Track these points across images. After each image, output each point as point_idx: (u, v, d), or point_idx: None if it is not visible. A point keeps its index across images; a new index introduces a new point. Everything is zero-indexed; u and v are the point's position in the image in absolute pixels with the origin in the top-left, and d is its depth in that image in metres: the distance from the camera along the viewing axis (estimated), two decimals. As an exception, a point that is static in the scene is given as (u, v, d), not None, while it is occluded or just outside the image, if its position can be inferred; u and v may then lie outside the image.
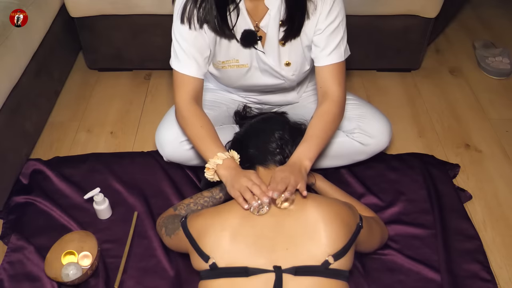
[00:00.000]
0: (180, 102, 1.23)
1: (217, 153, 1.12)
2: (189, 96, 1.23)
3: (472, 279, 1.26)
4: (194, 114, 1.22)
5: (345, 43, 1.26)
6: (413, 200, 1.47)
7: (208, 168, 1.13)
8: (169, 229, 1.19)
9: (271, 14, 1.20)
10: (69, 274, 1.24)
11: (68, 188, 1.50)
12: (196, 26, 1.18)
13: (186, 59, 1.22)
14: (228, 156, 1.12)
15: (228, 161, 1.11)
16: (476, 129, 1.78)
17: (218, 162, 1.11)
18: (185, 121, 1.22)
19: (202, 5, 1.16)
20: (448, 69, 2.09)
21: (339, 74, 1.25)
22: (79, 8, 1.80)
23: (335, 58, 1.24)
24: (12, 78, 1.47)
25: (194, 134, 1.20)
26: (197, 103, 1.24)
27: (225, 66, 1.31)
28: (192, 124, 1.21)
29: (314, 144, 1.15)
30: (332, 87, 1.24)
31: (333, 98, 1.23)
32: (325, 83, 1.25)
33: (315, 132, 1.18)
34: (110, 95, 1.94)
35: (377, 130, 1.41)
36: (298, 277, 0.95)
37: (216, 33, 1.21)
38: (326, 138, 1.19)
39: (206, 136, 1.18)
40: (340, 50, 1.24)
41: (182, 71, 1.22)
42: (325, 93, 1.24)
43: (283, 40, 1.25)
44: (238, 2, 1.17)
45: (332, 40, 1.22)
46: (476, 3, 2.53)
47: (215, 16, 1.16)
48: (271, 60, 1.28)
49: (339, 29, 1.22)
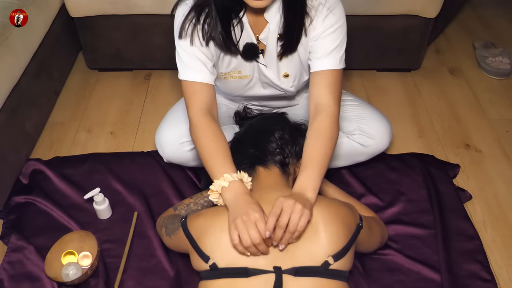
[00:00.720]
0: (192, 115, 1.15)
1: (224, 174, 1.04)
2: (202, 107, 1.15)
3: (472, 279, 1.26)
4: (207, 127, 1.13)
5: (342, 52, 1.18)
6: (413, 200, 1.47)
7: (212, 190, 1.05)
8: (169, 229, 1.19)
9: (271, 27, 1.18)
10: (69, 274, 1.24)
11: (68, 188, 1.50)
12: (202, 42, 1.15)
13: (194, 67, 1.16)
14: (236, 178, 1.04)
15: (235, 184, 1.03)
16: (476, 129, 1.78)
17: (223, 184, 1.03)
18: (196, 135, 1.13)
19: (206, 21, 1.14)
20: (448, 69, 2.09)
21: (334, 83, 1.16)
22: (79, 8, 1.80)
23: (330, 64, 1.16)
24: (12, 78, 1.47)
25: (203, 148, 1.11)
26: (211, 115, 1.15)
27: (227, 77, 1.30)
28: (203, 137, 1.12)
29: (315, 171, 1.06)
30: (325, 97, 1.14)
31: (327, 111, 1.13)
32: (317, 91, 1.16)
33: (314, 156, 1.08)
34: (110, 95, 1.94)
35: (377, 131, 1.41)
36: (298, 277, 0.95)
37: (221, 49, 1.19)
38: (327, 160, 1.09)
39: (216, 153, 1.09)
40: (335, 57, 1.16)
41: (193, 79, 1.16)
42: (318, 105, 1.14)
43: (280, 55, 1.23)
44: (241, 16, 1.16)
45: (327, 45, 1.16)
46: (476, 3, 2.53)
47: (220, 32, 1.14)
48: (271, 73, 1.27)
49: (336, 36, 1.16)
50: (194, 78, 1.16)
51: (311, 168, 1.06)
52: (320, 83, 1.16)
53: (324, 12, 1.15)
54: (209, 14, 1.13)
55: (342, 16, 1.18)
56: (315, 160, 1.07)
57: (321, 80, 1.16)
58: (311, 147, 1.10)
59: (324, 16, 1.15)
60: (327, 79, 1.16)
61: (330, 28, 1.16)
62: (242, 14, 1.16)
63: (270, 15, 1.17)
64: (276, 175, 1.14)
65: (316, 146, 1.10)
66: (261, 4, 1.06)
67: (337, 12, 1.17)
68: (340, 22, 1.17)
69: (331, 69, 1.16)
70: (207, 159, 1.10)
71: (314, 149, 1.09)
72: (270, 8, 1.16)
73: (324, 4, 1.15)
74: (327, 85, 1.15)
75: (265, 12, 1.16)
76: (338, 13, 1.17)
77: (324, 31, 1.16)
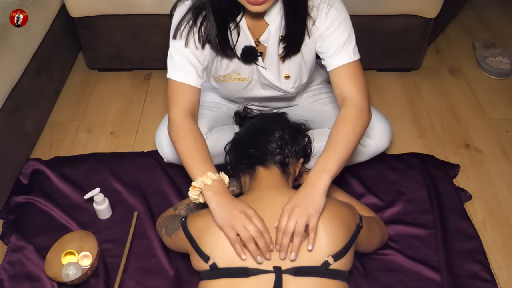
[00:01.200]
0: (174, 115, 1.15)
1: (207, 172, 1.04)
2: (185, 108, 1.15)
3: (472, 279, 1.26)
4: (189, 128, 1.13)
5: (353, 43, 1.17)
6: (413, 200, 1.47)
7: (194, 186, 1.04)
8: (169, 229, 1.19)
9: (271, 30, 1.18)
10: (69, 274, 1.24)
11: (68, 188, 1.50)
12: (197, 45, 1.15)
13: (183, 68, 1.17)
14: (218, 177, 1.05)
15: (217, 183, 1.03)
16: (476, 129, 1.78)
17: (206, 181, 1.03)
18: (177, 134, 1.13)
19: (203, 23, 1.14)
20: (448, 69, 2.09)
21: (353, 75, 1.15)
22: (79, 8, 1.80)
23: (344, 58, 1.15)
24: (12, 78, 1.47)
25: (184, 148, 1.11)
26: (193, 117, 1.16)
27: (226, 79, 1.30)
28: (184, 138, 1.12)
29: (333, 155, 1.04)
30: (347, 89, 1.14)
31: (351, 101, 1.12)
32: (340, 88, 1.16)
33: (333, 142, 1.07)
34: (110, 95, 1.94)
35: (378, 131, 1.41)
36: (298, 277, 0.95)
37: (217, 53, 1.19)
38: (347, 147, 1.06)
39: (197, 153, 1.09)
40: (348, 50, 1.16)
41: (180, 80, 1.16)
42: (343, 99, 1.14)
43: (283, 56, 1.23)
44: (238, 21, 1.15)
45: (336, 41, 1.16)
46: (476, 3, 2.53)
47: (216, 35, 1.14)
48: (270, 75, 1.27)
49: (342, 29, 1.16)
50: (182, 79, 1.17)
51: (330, 152, 1.05)
52: (340, 78, 1.16)
53: (325, 9, 1.15)
54: (206, 17, 1.13)
55: (343, 9, 1.18)
56: (334, 143, 1.06)
57: (341, 76, 1.16)
58: (333, 132, 1.09)
59: (325, 13, 1.15)
60: (346, 73, 1.16)
61: (334, 24, 1.16)
62: (240, 18, 1.15)
63: (270, 17, 1.16)
64: (276, 175, 1.14)
65: (336, 132, 1.09)
66: (260, 8, 1.05)
67: (337, 6, 1.16)
68: (342, 15, 1.17)
69: (347, 63, 1.16)
70: (187, 158, 1.10)
71: (334, 135, 1.09)
72: (271, 10, 1.15)
73: (324, 1, 1.15)
74: (347, 78, 1.15)
75: (265, 15, 1.16)
76: (339, 7, 1.17)
77: (329, 28, 1.16)
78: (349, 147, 1.07)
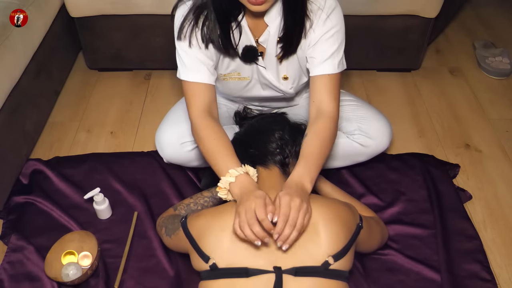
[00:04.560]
0: (193, 117, 1.17)
1: (229, 169, 1.05)
2: (203, 109, 1.16)
3: (472, 279, 1.26)
4: (207, 127, 1.14)
5: (340, 56, 1.19)
6: (413, 200, 1.47)
7: (220, 187, 1.06)
8: (169, 229, 1.19)
9: (271, 31, 1.18)
10: (69, 274, 1.24)
11: (68, 188, 1.50)
12: (201, 45, 1.16)
13: (194, 67, 1.17)
14: (242, 172, 1.05)
15: (242, 177, 1.04)
16: (476, 129, 1.78)
17: (230, 180, 1.04)
18: (198, 136, 1.15)
19: (205, 23, 1.14)
20: (448, 69, 2.09)
21: (333, 87, 1.18)
22: (79, 8, 1.80)
23: (329, 69, 1.17)
24: (12, 78, 1.47)
25: (206, 149, 1.13)
26: (212, 116, 1.17)
27: (226, 78, 1.30)
28: (204, 138, 1.14)
29: (313, 165, 1.07)
30: (326, 102, 1.17)
31: (328, 114, 1.16)
32: (318, 96, 1.18)
33: (312, 152, 1.10)
34: (110, 95, 1.94)
35: (378, 131, 1.41)
36: (298, 277, 0.95)
37: (220, 52, 1.20)
38: (323, 158, 1.11)
39: (218, 151, 1.11)
40: (333, 61, 1.18)
41: (193, 79, 1.17)
42: (319, 109, 1.17)
43: (280, 57, 1.23)
44: (240, 20, 1.16)
45: (325, 49, 1.17)
46: (476, 3, 2.53)
47: (219, 35, 1.14)
48: (270, 75, 1.28)
49: (334, 40, 1.17)
50: (194, 78, 1.17)
51: (309, 162, 1.08)
52: (321, 88, 1.18)
53: (323, 16, 1.16)
54: (208, 16, 1.13)
55: (340, 20, 1.18)
56: (311, 156, 1.09)
57: (322, 85, 1.18)
58: (308, 145, 1.11)
59: (323, 20, 1.16)
60: (327, 84, 1.18)
61: (328, 33, 1.17)
62: (241, 18, 1.16)
63: (270, 18, 1.17)
64: (276, 175, 1.14)
65: (313, 144, 1.11)
66: (261, 8, 1.06)
67: (335, 16, 1.17)
68: (338, 26, 1.17)
69: (330, 74, 1.18)
70: (211, 158, 1.12)
71: (311, 146, 1.11)
72: (270, 11, 1.16)
73: (322, 9, 1.15)
74: (328, 91, 1.18)
75: (265, 16, 1.16)
76: (336, 17, 1.17)
77: (323, 35, 1.17)
78: (324, 159, 1.12)
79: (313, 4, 1.15)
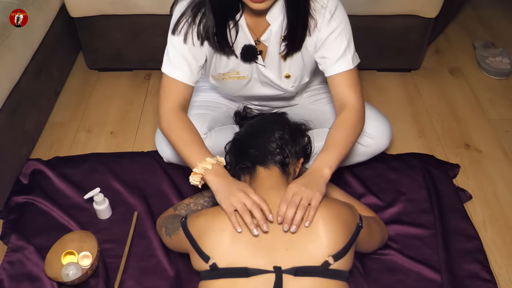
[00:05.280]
0: (166, 109, 1.19)
1: (206, 158, 1.09)
2: (177, 104, 1.19)
3: (472, 279, 1.26)
4: (181, 120, 1.17)
5: (352, 51, 1.21)
6: (413, 200, 1.47)
7: (195, 173, 1.08)
8: (169, 229, 1.19)
9: (273, 29, 1.19)
10: (69, 274, 1.24)
11: (68, 188, 1.50)
12: (195, 42, 1.17)
13: (178, 65, 1.19)
14: (217, 161, 1.09)
15: (217, 166, 1.08)
16: (476, 129, 1.78)
17: (207, 166, 1.07)
18: (170, 127, 1.17)
19: (202, 21, 1.15)
20: (448, 69, 2.09)
21: (353, 82, 1.20)
22: (79, 8, 1.80)
23: (344, 66, 1.19)
24: (12, 78, 1.47)
25: (179, 139, 1.15)
26: (184, 112, 1.20)
27: (225, 77, 1.30)
28: (178, 129, 1.16)
29: (334, 152, 1.09)
30: (347, 95, 1.19)
31: (351, 106, 1.18)
32: (339, 94, 1.20)
33: (334, 140, 1.12)
34: (110, 95, 1.94)
35: (378, 131, 1.41)
36: (298, 277, 0.95)
37: (216, 50, 1.20)
38: (346, 146, 1.12)
39: (192, 141, 1.14)
40: (347, 58, 1.19)
41: (172, 75, 1.19)
42: (342, 104, 1.19)
43: (284, 55, 1.23)
44: (237, 19, 1.16)
45: (336, 48, 1.19)
46: (476, 3, 2.53)
47: (215, 34, 1.15)
48: (271, 73, 1.28)
49: (342, 37, 1.18)
50: (174, 75, 1.19)
51: (331, 149, 1.11)
52: (340, 86, 1.21)
53: (327, 16, 1.16)
54: (205, 14, 1.13)
55: (344, 16, 1.19)
56: (335, 143, 1.12)
57: (341, 83, 1.20)
58: (330, 135, 1.15)
59: (328, 20, 1.16)
60: (345, 81, 1.20)
61: (335, 32, 1.18)
62: (239, 16, 1.16)
63: (272, 16, 1.17)
64: (276, 175, 1.14)
65: (336, 133, 1.15)
66: (262, 6, 1.06)
67: (339, 14, 1.18)
68: (343, 23, 1.19)
69: (347, 70, 1.20)
70: (183, 148, 1.14)
71: (334, 135, 1.14)
72: (272, 9, 1.16)
73: (326, 8, 1.16)
74: (348, 86, 1.20)
75: (267, 14, 1.16)
76: (340, 15, 1.18)
77: (330, 35, 1.18)
78: (348, 147, 1.13)
79: (316, 3, 1.15)
